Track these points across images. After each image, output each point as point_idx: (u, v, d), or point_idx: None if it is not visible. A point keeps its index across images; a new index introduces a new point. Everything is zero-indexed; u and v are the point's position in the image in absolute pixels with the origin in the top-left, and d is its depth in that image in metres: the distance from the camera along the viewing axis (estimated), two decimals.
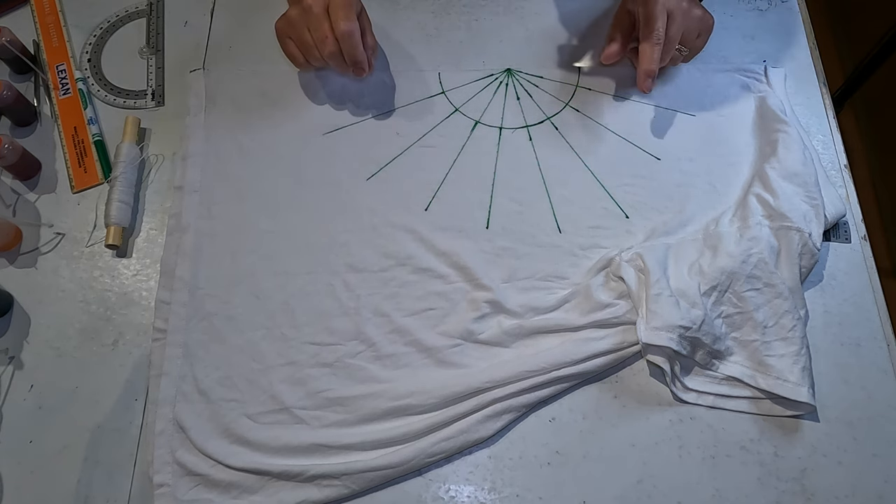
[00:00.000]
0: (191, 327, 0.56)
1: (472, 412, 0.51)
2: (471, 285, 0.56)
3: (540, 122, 0.64)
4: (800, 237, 0.54)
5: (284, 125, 0.65)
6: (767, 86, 0.65)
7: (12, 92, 0.63)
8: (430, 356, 0.54)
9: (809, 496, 0.49)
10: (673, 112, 0.64)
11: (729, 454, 0.50)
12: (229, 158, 0.63)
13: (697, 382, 0.52)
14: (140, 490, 0.51)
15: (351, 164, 0.63)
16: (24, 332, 0.57)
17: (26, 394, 0.55)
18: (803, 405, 0.50)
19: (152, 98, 0.68)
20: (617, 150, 0.63)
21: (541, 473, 0.50)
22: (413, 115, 0.65)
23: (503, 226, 0.59)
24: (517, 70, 0.67)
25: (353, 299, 0.56)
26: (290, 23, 0.60)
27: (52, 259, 0.60)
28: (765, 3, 0.70)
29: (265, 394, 0.53)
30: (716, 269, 0.53)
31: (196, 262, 0.58)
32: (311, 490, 0.49)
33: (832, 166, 0.62)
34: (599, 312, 0.53)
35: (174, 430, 0.52)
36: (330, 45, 0.58)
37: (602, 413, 0.52)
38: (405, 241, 0.58)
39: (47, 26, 0.71)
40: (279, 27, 0.62)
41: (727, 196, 0.59)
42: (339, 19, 0.57)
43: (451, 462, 0.51)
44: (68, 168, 0.64)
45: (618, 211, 0.60)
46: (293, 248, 0.59)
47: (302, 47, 0.61)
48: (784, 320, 0.51)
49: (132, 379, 0.55)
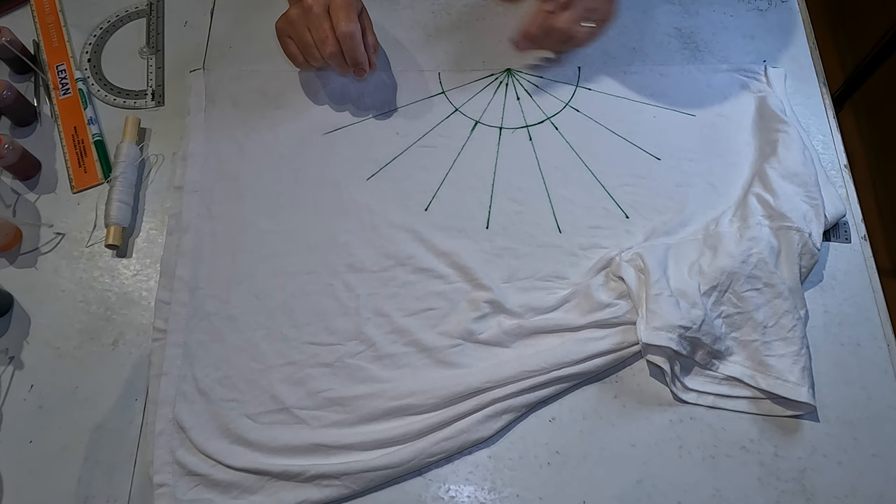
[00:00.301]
0: (191, 327, 0.56)
1: (472, 412, 0.51)
2: (471, 285, 0.56)
3: (540, 122, 0.64)
4: (800, 237, 0.54)
5: (284, 125, 0.65)
6: (767, 86, 0.65)
7: (12, 92, 0.63)
8: (430, 356, 0.54)
9: (809, 496, 0.49)
10: (673, 112, 0.64)
11: (729, 454, 0.50)
12: (229, 158, 0.63)
13: (697, 382, 0.52)
14: (140, 490, 0.51)
15: (351, 164, 0.63)
16: (24, 332, 0.57)
17: (26, 394, 0.55)
18: (803, 405, 0.50)
19: (152, 98, 0.68)
20: (617, 150, 0.63)
21: (541, 473, 0.50)
22: (413, 115, 0.65)
23: (503, 226, 0.59)
24: (517, 70, 0.67)
25: (353, 299, 0.56)
26: (291, 22, 0.60)
27: (52, 259, 0.60)
28: (765, 3, 0.70)
29: (265, 394, 0.53)
30: (716, 269, 0.53)
31: (196, 262, 0.58)
32: (311, 490, 0.49)
33: (832, 166, 0.62)
34: (599, 312, 0.53)
35: (174, 430, 0.52)
36: (330, 46, 0.58)
37: (602, 413, 0.52)
38: (405, 241, 0.58)
39: (47, 26, 0.72)
40: (279, 27, 0.62)
41: (727, 196, 0.59)
42: (340, 20, 0.57)
43: (451, 462, 0.51)
44: (68, 168, 0.64)
45: (618, 211, 0.60)
46: (293, 248, 0.59)
47: (302, 47, 0.60)
48: (784, 320, 0.51)
49: (132, 379, 0.55)
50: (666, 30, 0.69)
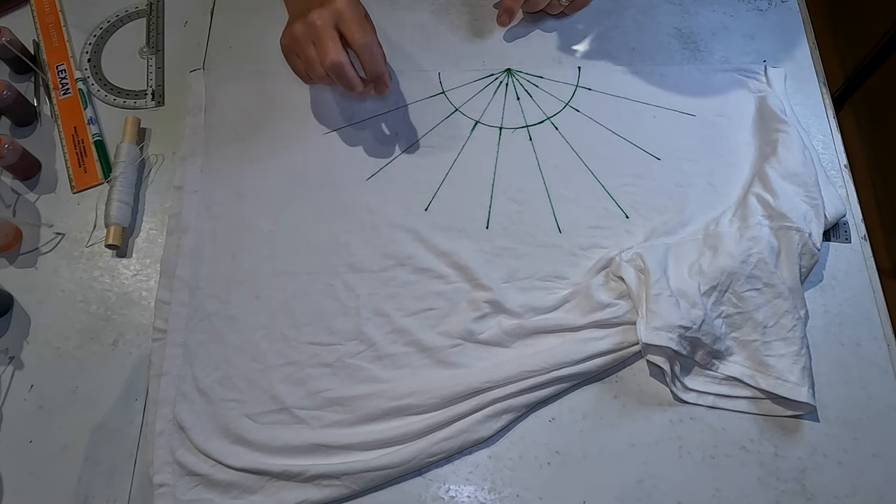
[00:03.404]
0: (191, 327, 0.56)
1: (472, 412, 0.51)
2: (471, 285, 0.56)
3: (540, 122, 0.64)
4: (800, 237, 0.54)
5: (284, 125, 0.65)
6: (767, 86, 0.64)
7: (12, 92, 0.63)
8: (430, 356, 0.54)
9: (809, 496, 0.49)
10: (673, 112, 0.64)
11: (729, 454, 0.50)
12: (229, 158, 0.63)
13: (697, 382, 0.52)
14: (140, 490, 0.51)
15: (351, 164, 0.63)
16: (24, 332, 0.57)
17: (26, 394, 0.55)
18: (803, 405, 0.50)
19: (152, 98, 0.68)
20: (617, 150, 0.63)
21: (541, 473, 0.50)
22: (413, 115, 0.65)
23: (503, 226, 0.59)
24: (517, 70, 0.67)
25: (353, 299, 0.56)
26: (295, 39, 0.56)
27: (52, 259, 0.60)
28: (765, 3, 0.70)
29: (265, 394, 0.53)
30: (716, 269, 0.53)
31: (196, 262, 0.58)
32: (311, 490, 0.49)
33: (832, 166, 0.62)
34: (599, 312, 0.53)
35: (174, 430, 0.52)
36: (336, 60, 0.54)
37: (602, 413, 0.52)
38: (405, 241, 0.58)
39: (47, 26, 0.72)
40: (284, 44, 0.58)
41: (727, 196, 0.59)
42: (354, 32, 0.54)
43: (451, 462, 0.51)
44: (68, 168, 0.64)
45: (618, 211, 0.60)
46: (293, 248, 0.59)
47: (307, 65, 0.57)
48: (784, 320, 0.51)
49: (132, 379, 0.55)
50: (666, 30, 0.69)
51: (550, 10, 0.68)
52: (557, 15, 0.69)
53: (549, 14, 0.69)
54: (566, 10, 0.68)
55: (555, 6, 0.67)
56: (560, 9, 0.67)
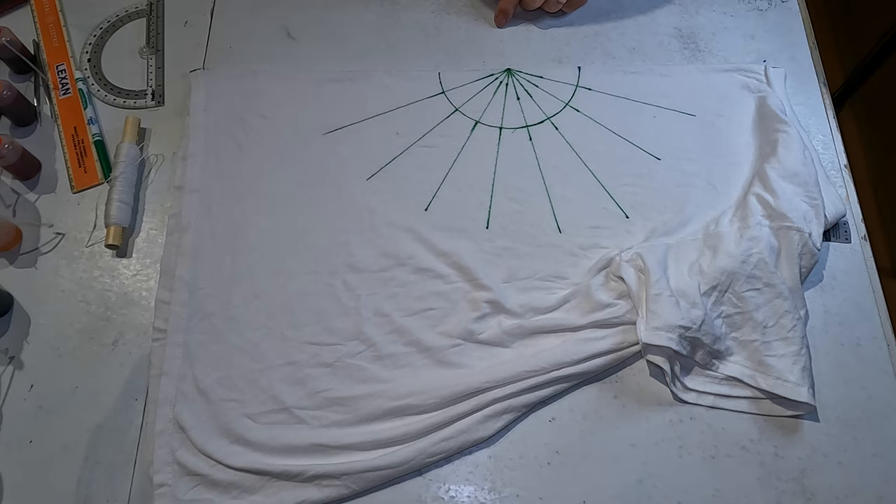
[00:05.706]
0: (191, 327, 0.56)
1: (472, 412, 0.51)
2: (471, 285, 0.56)
3: (540, 122, 0.64)
4: (800, 237, 0.54)
5: (284, 125, 0.65)
6: (767, 86, 0.65)
7: (12, 92, 0.63)
8: (430, 356, 0.54)
9: (809, 496, 0.49)
10: (673, 112, 0.64)
11: (729, 454, 0.50)
12: (229, 158, 0.63)
13: (697, 382, 0.52)
14: (140, 490, 0.51)
15: (351, 164, 0.63)
16: (24, 332, 0.57)
17: (26, 394, 0.55)
18: (803, 405, 0.50)
19: (152, 98, 0.68)
20: (617, 150, 0.63)
21: (541, 473, 0.50)
22: (413, 115, 0.65)
23: (503, 226, 0.59)
24: (517, 70, 0.67)
25: (353, 299, 0.56)
26: None
27: (52, 259, 0.60)
28: (765, 3, 0.70)
29: (265, 394, 0.53)
30: (716, 269, 0.53)
31: (196, 261, 0.58)
32: (311, 490, 0.49)
33: (832, 166, 0.62)
34: (599, 312, 0.53)
35: (174, 430, 0.52)
36: None
37: (602, 413, 0.52)
38: (405, 241, 0.58)
39: (47, 26, 0.71)
40: None
41: (727, 196, 0.59)
42: None
43: (451, 462, 0.51)
44: (68, 168, 0.64)
45: (618, 211, 0.60)
46: (293, 248, 0.59)
47: None
48: (784, 320, 0.51)
49: (132, 379, 0.55)
50: (666, 30, 0.69)
51: (548, 9, 0.68)
52: (556, 13, 0.69)
53: (548, 12, 0.69)
54: (564, 7, 0.68)
55: (552, 4, 0.67)
56: (558, 7, 0.68)
